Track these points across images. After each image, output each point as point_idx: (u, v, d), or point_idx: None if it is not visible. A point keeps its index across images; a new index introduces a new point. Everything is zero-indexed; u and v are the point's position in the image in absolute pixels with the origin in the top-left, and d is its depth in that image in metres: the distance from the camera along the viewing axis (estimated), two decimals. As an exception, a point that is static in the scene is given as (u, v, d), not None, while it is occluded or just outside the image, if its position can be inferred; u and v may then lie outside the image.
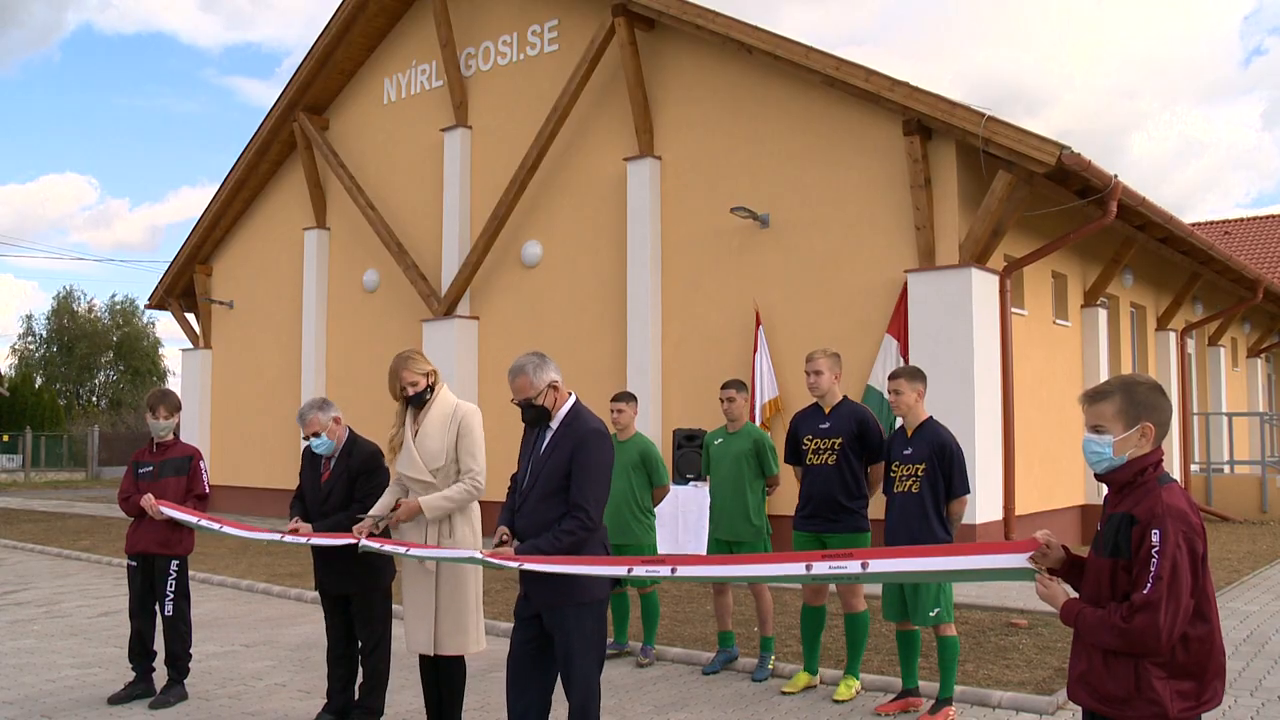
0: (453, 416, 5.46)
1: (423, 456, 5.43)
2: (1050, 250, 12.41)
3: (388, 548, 5.36)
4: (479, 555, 4.65)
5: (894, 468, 6.18)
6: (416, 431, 5.50)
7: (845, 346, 12.21)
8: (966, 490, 6.05)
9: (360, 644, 5.92)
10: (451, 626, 5.39)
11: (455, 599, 5.39)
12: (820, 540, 6.52)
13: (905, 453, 6.13)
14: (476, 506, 5.56)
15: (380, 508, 5.58)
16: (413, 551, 5.23)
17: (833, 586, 7.00)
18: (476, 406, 5.58)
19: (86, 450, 40.41)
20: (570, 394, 4.77)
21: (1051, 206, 12.26)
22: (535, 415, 4.71)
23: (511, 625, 4.81)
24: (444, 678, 5.54)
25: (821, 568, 3.79)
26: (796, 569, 3.90)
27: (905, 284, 12.16)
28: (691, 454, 12.19)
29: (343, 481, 5.94)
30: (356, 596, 5.90)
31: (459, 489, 5.36)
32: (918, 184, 12.00)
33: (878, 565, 3.73)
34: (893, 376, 6.25)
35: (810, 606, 6.84)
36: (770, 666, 7.22)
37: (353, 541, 5.46)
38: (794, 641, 7.88)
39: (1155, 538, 3.01)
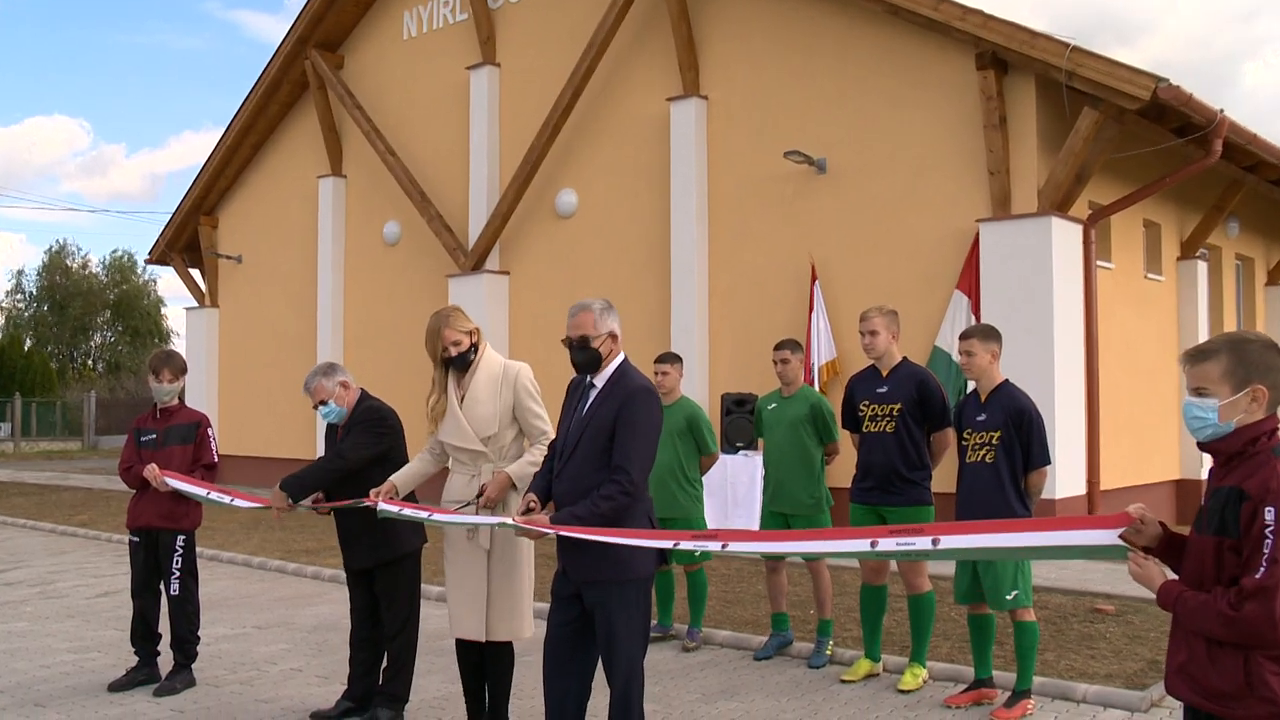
0: (503, 378, 5.45)
1: (472, 424, 5.41)
2: (1142, 196, 12.18)
3: (408, 512, 5.37)
4: (510, 520, 4.65)
5: (966, 435, 6.12)
6: (462, 398, 5.48)
7: (910, 303, 12.09)
8: (1047, 461, 5.97)
9: (386, 625, 5.95)
10: (505, 611, 5.40)
11: (510, 581, 5.40)
12: (879, 514, 6.52)
13: (978, 419, 6.06)
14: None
15: (407, 476, 5.60)
16: (435, 517, 5.24)
17: (894, 565, 6.96)
18: (525, 363, 5.56)
19: (82, 418, 40.83)
20: (622, 353, 4.77)
21: (1144, 147, 12.01)
22: (586, 359, 4.69)
23: (549, 606, 4.82)
24: (491, 665, 5.55)
25: (888, 544, 3.75)
26: (860, 545, 3.86)
27: (977, 235, 12.01)
28: (741, 420, 12.14)
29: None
30: (380, 571, 5.92)
31: (540, 452, 5.35)
32: (992, 124, 11.79)
33: (950, 541, 3.68)
34: (964, 336, 6.18)
35: (870, 586, 6.81)
36: (828, 652, 7.21)
37: (369, 505, 5.48)
38: (854, 625, 7.87)
39: (1270, 515, 2.92)
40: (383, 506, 5.41)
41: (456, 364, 5.51)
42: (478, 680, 5.61)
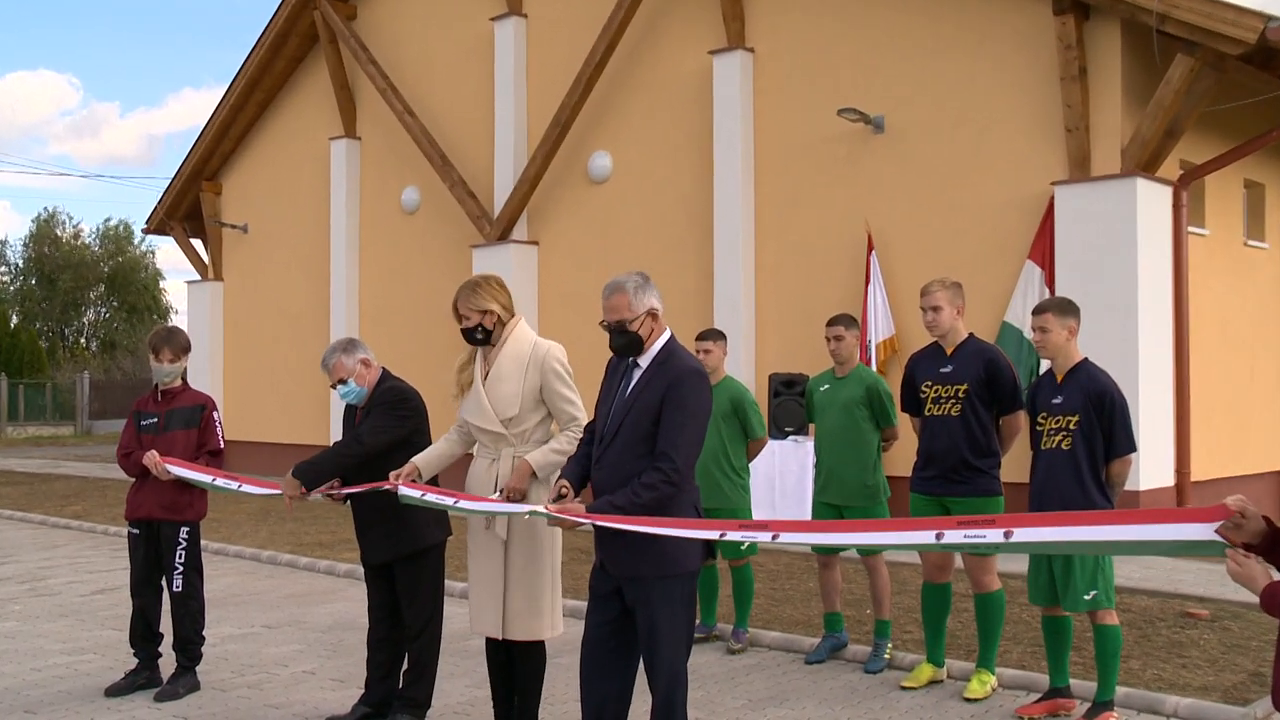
0: (530, 357, 5.46)
1: (493, 403, 5.44)
2: (1244, 153, 12.00)
3: (431, 497, 5.39)
4: (541, 509, 4.67)
5: (1040, 420, 6.08)
6: (487, 373, 5.52)
7: (977, 275, 12.01)
8: (1131, 448, 5.92)
9: (406, 624, 6.00)
10: (523, 606, 5.42)
11: (529, 572, 5.42)
12: (942, 505, 6.49)
13: (1054, 402, 6.02)
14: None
15: (431, 458, 5.63)
16: (462, 504, 5.27)
17: (959, 561, 6.94)
18: (559, 343, 5.58)
19: (75, 400, 40.99)
20: (666, 329, 4.78)
21: (1247, 97, 11.80)
22: (626, 343, 4.72)
23: (586, 604, 4.84)
24: (520, 667, 5.58)
25: (955, 536, 3.74)
26: (924, 537, 3.86)
27: (1052, 199, 11.90)
28: (791, 403, 12.12)
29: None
30: (400, 565, 5.96)
31: (567, 440, 5.36)
32: (1070, 75, 11.66)
33: (1024, 534, 3.66)
34: (1037, 311, 6.14)
35: (932, 584, 6.79)
36: (887, 655, 7.20)
37: (389, 489, 5.52)
38: (914, 626, 7.85)
39: None
40: (404, 490, 5.43)
41: (470, 341, 5.56)
42: (506, 683, 5.65)
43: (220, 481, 6.62)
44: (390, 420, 5.90)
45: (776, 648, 7.75)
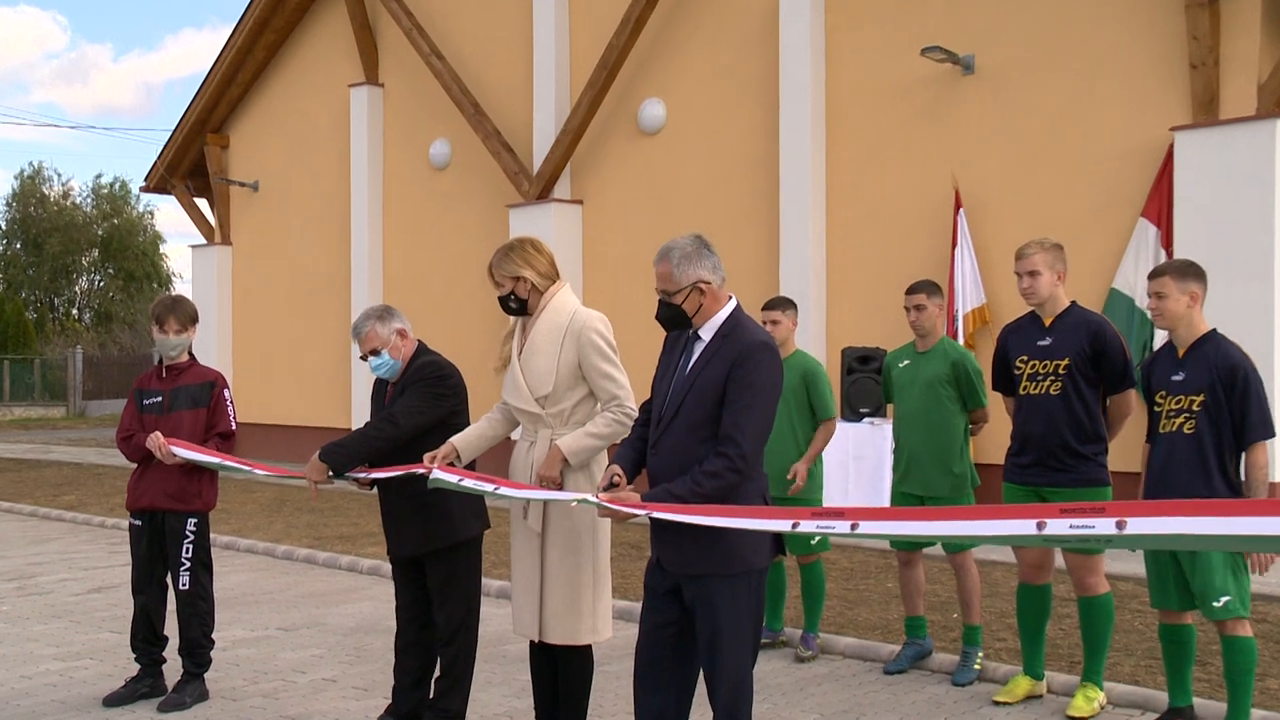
0: (568, 328, 5.46)
1: (528, 379, 5.46)
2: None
3: (468, 483, 5.39)
4: (591, 498, 4.67)
5: (1158, 400, 5.99)
6: (523, 347, 5.54)
7: (1081, 235, 11.87)
8: (1269, 433, 5.80)
9: (438, 626, 6.03)
10: (562, 605, 5.42)
11: (566, 568, 5.43)
12: (1040, 496, 6.44)
13: (1175, 379, 5.93)
14: (604, 451, 5.59)
15: (470, 439, 5.64)
16: (503, 490, 5.27)
17: (1060, 558, 6.88)
18: (601, 313, 5.57)
19: (66, 379, 41.46)
20: (730, 297, 4.76)
21: None
22: (668, 316, 4.74)
23: (640, 604, 4.84)
24: (563, 674, 5.59)
25: (1059, 526, 3.67)
26: (1022, 527, 3.79)
27: (1170, 147, 11.75)
28: (867, 381, 12.07)
29: None
30: (432, 560, 5.98)
31: (604, 422, 5.36)
32: (1198, 1, 11.46)
33: (1141, 525, 3.59)
34: (1154, 275, 6.04)
35: (1030, 586, 6.73)
36: (977, 666, 7.16)
37: (421, 473, 5.53)
38: (1009, 633, 7.82)
39: None
40: (438, 474, 5.44)
41: (505, 310, 5.60)
42: (549, 693, 5.67)
43: (231, 463, 6.67)
44: (428, 399, 5.91)
45: (851, 655, 7.73)
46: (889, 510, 4.75)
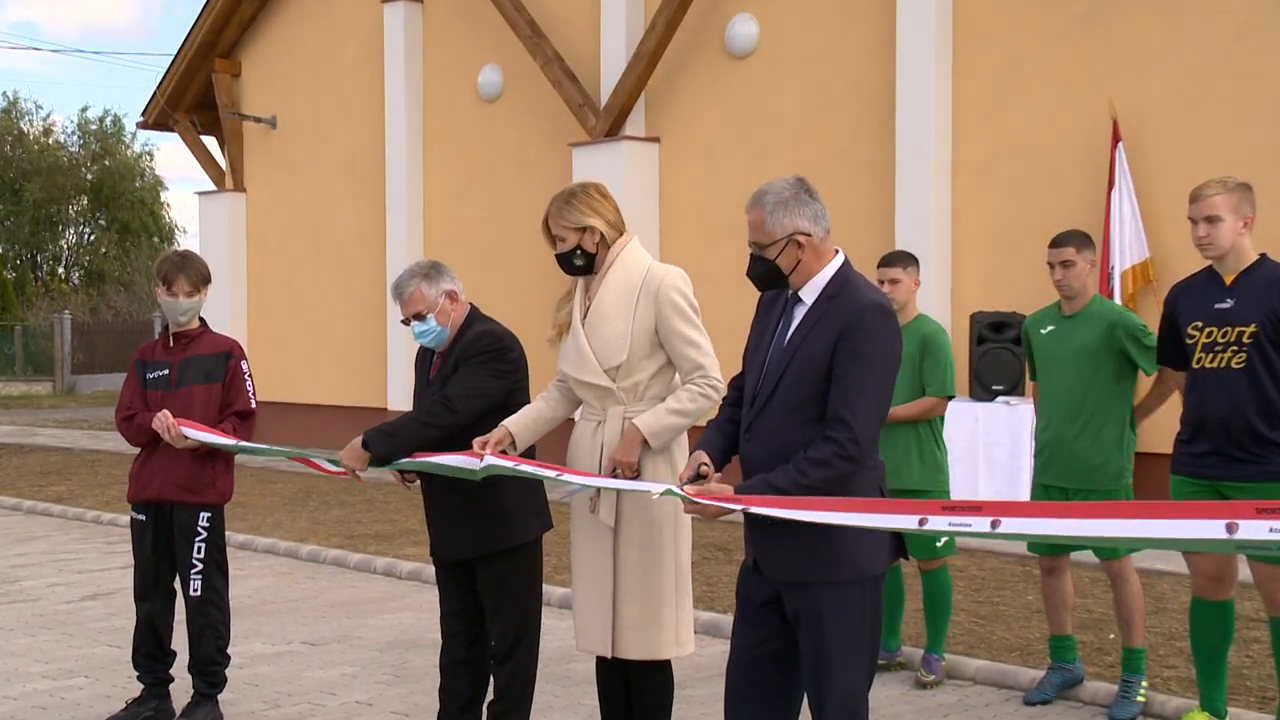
0: (642, 287, 5.48)
1: (595, 348, 5.48)
2: None
3: (527, 469, 5.40)
4: (676, 489, 4.65)
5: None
6: (588, 310, 5.57)
7: (1270, 174, 11.67)
8: None
9: (492, 641, 6.06)
10: (638, 615, 5.46)
11: (646, 572, 5.45)
12: (1218, 492, 6.34)
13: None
14: (685, 434, 5.60)
15: (527, 421, 5.66)
16: (566, 477, 5.27)
17: (1245, 567, 6.78)
18: (680, 269, 5.58)
19: (52, 349, 41.57)
20: (836, 252, 4.74)
21: None
22: (760, 273, 4.74)
23: (731, 617, 4.84)
24: (637, 697, 5.62)
25: (1255, 530, 3.58)
26: (1208, 530, 3.69)
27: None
28: (1000, 353, 11.99)
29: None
30: (484, 564, 6.00)
31: (689, 396, 5.38)
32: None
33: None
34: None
35: (1207, 602, 6.65)
36: (1140, 698, 7.08)
37: (473, 462, 5.54)
38: (1180, 659, 7.72)
39: None
40: (490, 460, 5.44)
41: (568, 269, 5.62)
42: (622, 717, 5.70)
43: (257, 445, 6.73)
44: (487, 377, 5.90)
45: (984, 681, 7.68)
46: (1039, 505, 4.62)
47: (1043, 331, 7.35)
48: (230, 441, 6.77)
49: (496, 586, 5.99)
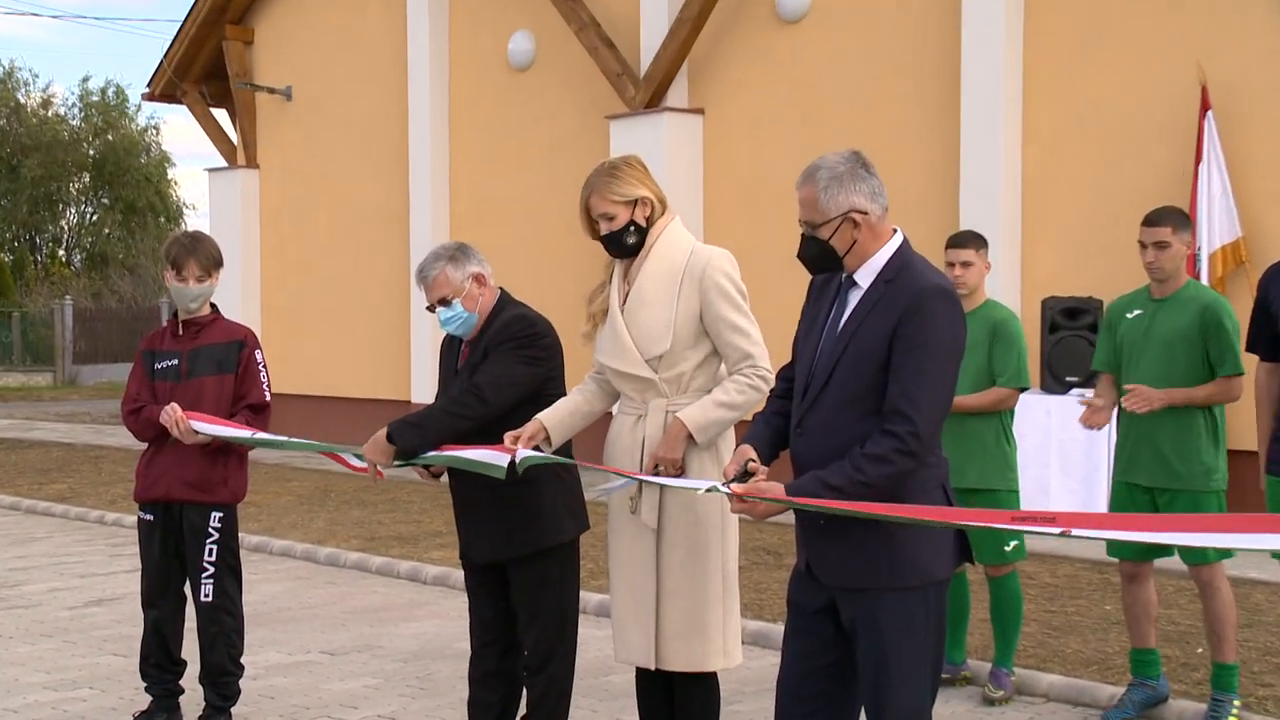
0: (685, 270, 5.49)
1: (635, 336, 5.49)
2: None
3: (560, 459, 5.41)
4: (721, 486, 4.63)
5: None
6: (627, 295, 5.56)
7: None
8: None
9: (526, 651, 6.06)
10: (685, 623, 5.45)
11: (692, 577, 5.45)
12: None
13: None
14: (731, 428, 5.60)
15: (562, 415, 5.65)
16: (606, 479, 5.24)
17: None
18: (726, 251, 5.58)
19: (53, 338, 41.62)
20: (895, 231, 4.73)
21: None
22: (812, 255, 4.73)
23: (782, 626, 4.83)
24: (680, 709, 5.62)
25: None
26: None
27: None
28: (1075, 341, 11.92)
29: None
30: (516, 568, 6.00)
31: (736, 388, 5.39)
32: None
33: None
34: None
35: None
36: (1233, 717, 7.04)
37: (502, 457, 5.53)
38: (1275, 677, 7.68)
39: None
40: (524, 454, 5.44)
41: (618, 249, 5.60)
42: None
43: (263, 436, 6.74)
44: (519, 364, 5.90)
45: (1058, 698, 7.64)
46: (1119, 518, 4.56)
47: (1129, 316, 7.26)
48: (246, 433, 6.77)
49: (530, 591, 5.99)
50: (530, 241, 18.14)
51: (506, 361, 5.90)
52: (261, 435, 6.81)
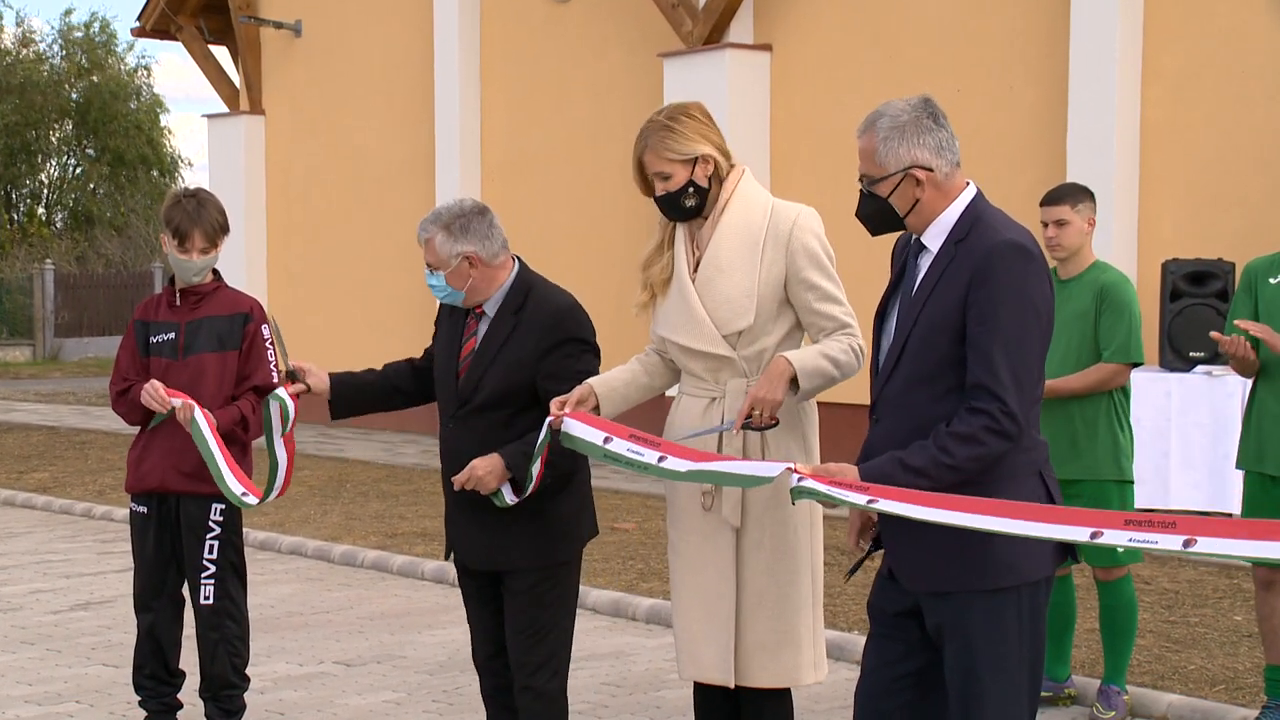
0: (768, 230, 5.49)
1: (711, 309, 5.48)
2: None
3: (617, 445, 5.19)
4: (793, 473, 4.58)
5: None
6: (697, 264, 5.56)
7: None
8: None
9: (517, 668, 5.94)
10: (773, 633, 5.47)
11: (781, 580, 5.47)
12: None
13: None
14: (814, 405, 5.60)
15: (616, 384, 5.62)
16: (670, 464, 5.11)
17: None
18: (809, 208, 5.57)
19: (31, 307, 41.63)
20: (966, 185, 4.72)
21: None
22: (871, 213, 4.77)
23: (858, 635, 4.85)
24: None
25: None
26: None
27: None
28: (1201, 310, 11.85)
29: (504, 371, 5.84)
30: (513, 578, 5.90)
31: (840, 348, 5.37)
32: None
33: None
34: None
35: None
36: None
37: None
38: None
39: None
40: (571, 426, 5.35)
41: (676, 212, 5.60)
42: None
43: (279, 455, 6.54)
44: (594, 363, 5.84)
45: (1178, 719, 7.62)
46: (1253, 525, 4.40)
47: (1272, 281, 7.18)
48: (224, 467, 6.63)
49: (526, 604, 5.89)
50: (572, 199, 18.14)
51: (583, 361, 5.81)
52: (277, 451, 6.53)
